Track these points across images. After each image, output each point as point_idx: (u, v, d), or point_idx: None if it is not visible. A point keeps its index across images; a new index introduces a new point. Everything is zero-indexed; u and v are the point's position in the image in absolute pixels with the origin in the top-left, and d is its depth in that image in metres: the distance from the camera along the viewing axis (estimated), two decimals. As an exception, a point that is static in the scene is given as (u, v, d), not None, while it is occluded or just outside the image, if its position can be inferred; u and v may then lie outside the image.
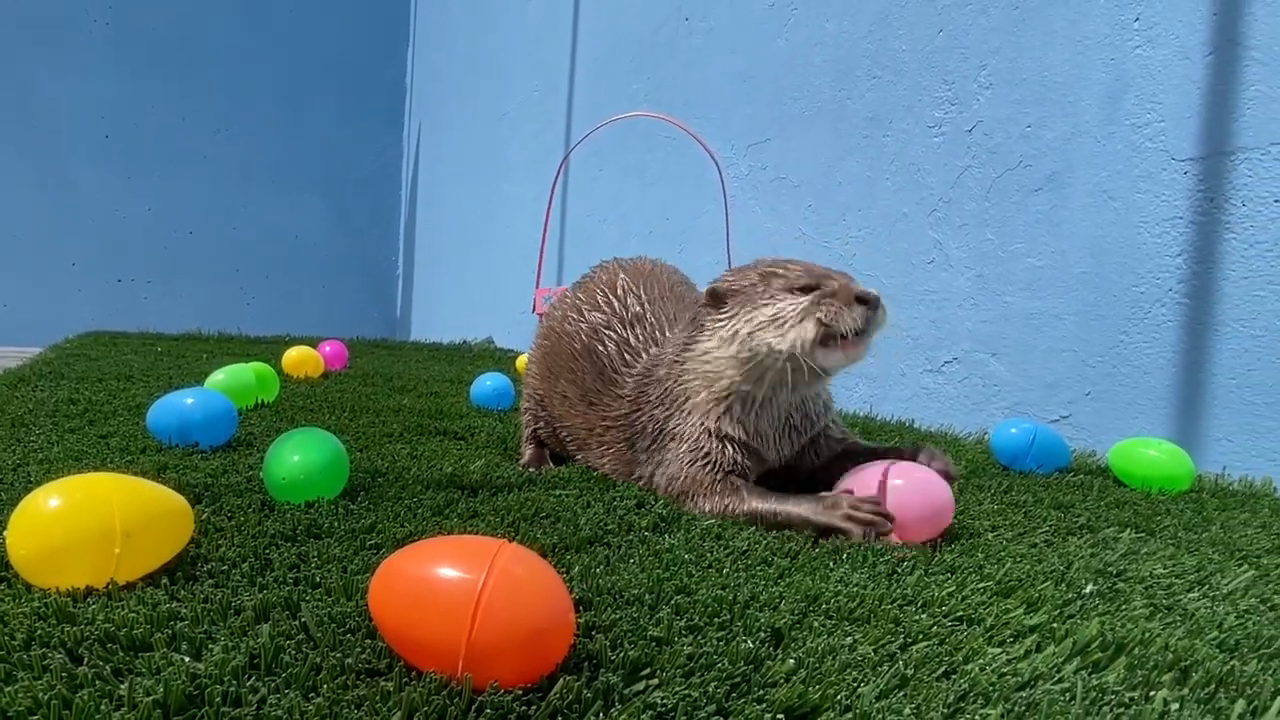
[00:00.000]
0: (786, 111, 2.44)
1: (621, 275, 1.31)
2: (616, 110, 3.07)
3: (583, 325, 1.28)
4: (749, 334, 1.03)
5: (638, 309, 1.25)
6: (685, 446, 1.09)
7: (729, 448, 1.08)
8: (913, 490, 0.99)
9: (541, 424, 1.37)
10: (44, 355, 2.61)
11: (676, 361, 1.12)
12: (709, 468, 1.08)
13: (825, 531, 0.97)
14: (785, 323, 1.01)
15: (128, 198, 5.03)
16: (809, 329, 1.00)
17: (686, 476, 1.08)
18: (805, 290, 1.01)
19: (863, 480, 1.02)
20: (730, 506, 1.04)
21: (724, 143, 2.63)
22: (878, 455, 1.09)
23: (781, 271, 1.05)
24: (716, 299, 1.08)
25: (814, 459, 1.14)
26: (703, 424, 1.09)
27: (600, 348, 1.24)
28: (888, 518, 0.95)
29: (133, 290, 5.09)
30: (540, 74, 3.91)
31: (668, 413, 1.12)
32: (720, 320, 1.07)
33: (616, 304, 1.27)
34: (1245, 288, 1.48)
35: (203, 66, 5.16)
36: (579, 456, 1.31)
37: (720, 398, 1.08)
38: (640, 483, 1.18)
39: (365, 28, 5.59)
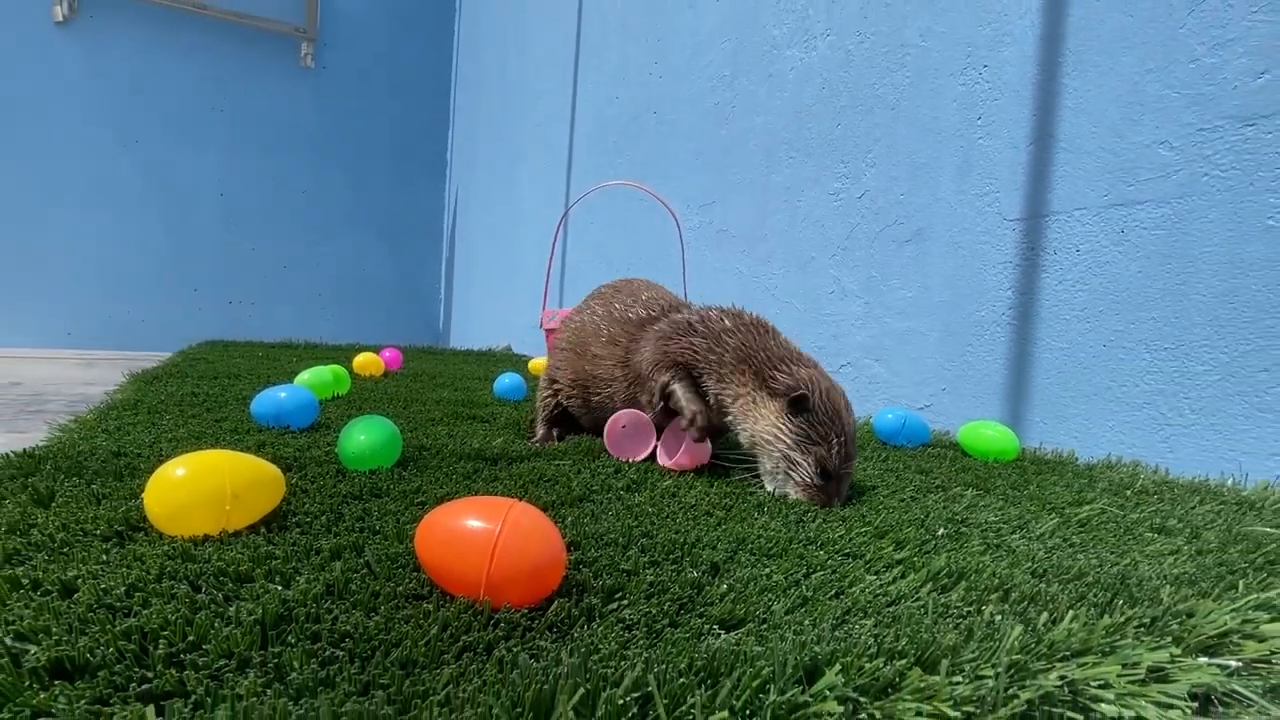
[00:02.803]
0: (727, 181, 2.45)
1: (608, 286, 1.44)
2: (603, 179, 3.08)
3: (594, 316, 1.36)
4: (783, 455, 0.99)
5: (621, 299, 1.36)
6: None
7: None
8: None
9: (564, 398, 1.38)
10: (173, 359, 2.57)
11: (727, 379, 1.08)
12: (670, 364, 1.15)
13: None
14: (796, 471, 0.98)
15: (236, 240, 4.95)
16: (790, 490, 0.99)
17: (655, 357, 1.16)
18: (822, 470, 0.97)
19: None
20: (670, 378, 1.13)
21: (682, 203, 2.64)
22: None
23: (824, 449, 0.97)
24: (799, 405, 0.99)
25: None
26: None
27: (606, 323, 1.33)
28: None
29: (240, 309, 5.01)
30: (546, 150, 3.90)
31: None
32: (786, 421, 1.00)
33: (610, 298, 1.38)
34: (1056, 314, 1.51)
35: (292, 142, 5.10)
36: (597, 399, 1.31)
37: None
38: (629, 374, 1.23)
39: (415, 114, 5.55)
